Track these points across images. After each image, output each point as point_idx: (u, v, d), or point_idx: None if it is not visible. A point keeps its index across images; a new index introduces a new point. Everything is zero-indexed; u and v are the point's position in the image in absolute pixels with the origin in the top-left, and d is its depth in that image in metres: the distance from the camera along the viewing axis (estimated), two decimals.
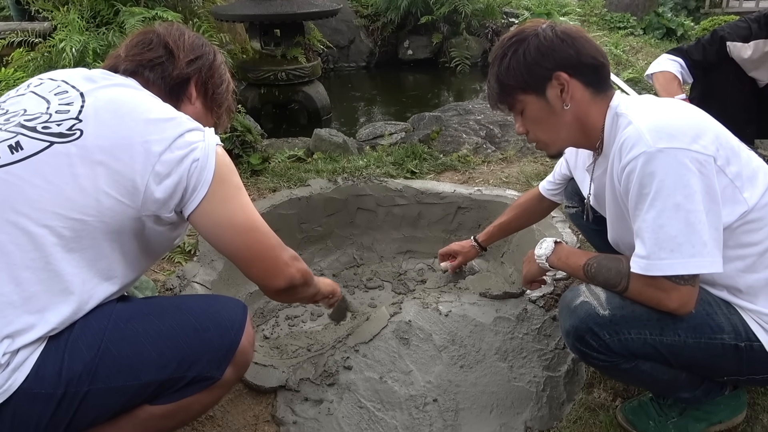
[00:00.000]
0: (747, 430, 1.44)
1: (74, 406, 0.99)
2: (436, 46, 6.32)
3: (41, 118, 1.06)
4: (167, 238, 1.16)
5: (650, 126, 1.12)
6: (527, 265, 1.57)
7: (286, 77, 4.29)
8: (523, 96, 1.27)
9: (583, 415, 1.51)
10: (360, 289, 2.41)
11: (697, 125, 1.14)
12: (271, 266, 1.17)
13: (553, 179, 1.78)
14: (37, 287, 0.97)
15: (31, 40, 3.51)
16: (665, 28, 6.02)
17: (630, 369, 1.25)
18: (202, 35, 1.35)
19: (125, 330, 1.05)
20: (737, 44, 2.29)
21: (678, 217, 1.08)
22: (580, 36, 1.24)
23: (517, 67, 1.24)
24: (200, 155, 1.08)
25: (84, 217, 1.00)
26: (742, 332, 1.18)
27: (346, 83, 5.96)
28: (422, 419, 1.47)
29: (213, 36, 3.69)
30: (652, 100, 1.27)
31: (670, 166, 1.08)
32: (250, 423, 1.52)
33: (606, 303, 1.21)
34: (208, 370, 1.11)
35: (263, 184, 2.66)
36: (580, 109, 1.26)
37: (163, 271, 2.04)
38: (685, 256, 1.09)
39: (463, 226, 2.57)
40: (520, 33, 1.27)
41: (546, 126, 1.30)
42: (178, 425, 1.25)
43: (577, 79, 1.23)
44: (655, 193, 1.09)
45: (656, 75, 2.42)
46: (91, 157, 1.02)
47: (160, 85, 1.23)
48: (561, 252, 1.42)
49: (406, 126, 3.50)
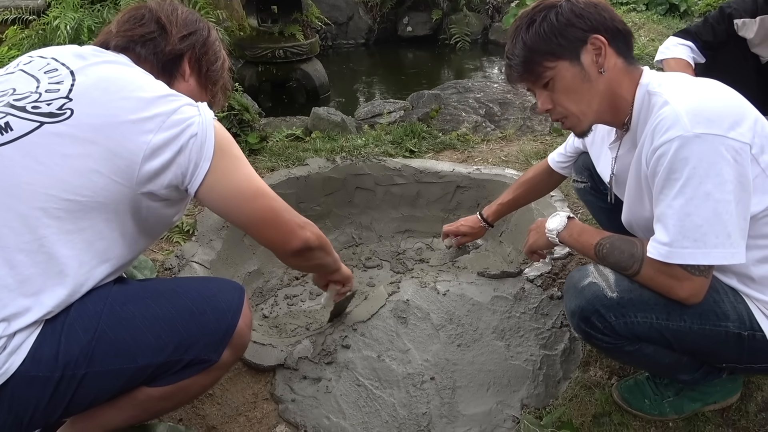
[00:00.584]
0: (741, 408, 1.46)
1: (72, 388, 0.99)
2: (435, 22, 6.24)
3: (31, 97, 1.04)
4: (165, 215, 1.14)
5: (689, 108, 1.07)
6: (535, 235, 1.51)
7: (283, 55, 4.25)
8: (554, 62, 1.19)
9: (579, 393, 1.52)
10: (359, 269, 2.41)
11: (737, 110, 1.10)
12: (285, 229, 1.16)
13: (565, 151, 1.73)
14: (31, 270, 0.96)
15: (25, 17, 3.46)
16: (668, 3, 5.92)
17: (633, 351, 1.25)
18: (196, 11, 1.32)
19: (121, 313, 1.04)
20: (745, 20, 2.25)
21: (707, 207, 1.05)
22: (605, 5, 1.20)
23: (550, 31, 1.17)
24: (198, 130, 1.06)
25: (78, 197, 0.99)
26: (746, 321, 1.17)
27: (345, 61, 5.91)
28: (419, 397, 1.49)
29: (209, 13, 3.64)
30: (686, 79, 1.21)
31: (705, 153, 1.04)
32: (249, 401, 1.54)
33: (615, 285, 1.20)
34: (205, 353, 1.11)
35: (261, 163, 2.65)
36: (615, 78, 1.20)
37: (161, 250, 2.04)
38: (708, 247, 1.06)
39: (462, 205, 2.56)
40: (547, 1, 1.21)
41: (578, 96, 1.21)
42: (176, 406, 1.26)
43: (611, 46, 1.18)
44: (686, 179, 1.06)
45: (668, 61, 2.35)
46: (82, 136, 1.00)
47: (152, 61, 1.20)
48: (573, 228, 1.37)
49: (405, 104, 3.47)
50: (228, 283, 1.21)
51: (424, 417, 1.46)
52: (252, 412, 1.51)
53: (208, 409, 1.50)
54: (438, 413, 1.47)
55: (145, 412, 1.17)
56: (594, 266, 1.27)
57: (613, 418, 1.45)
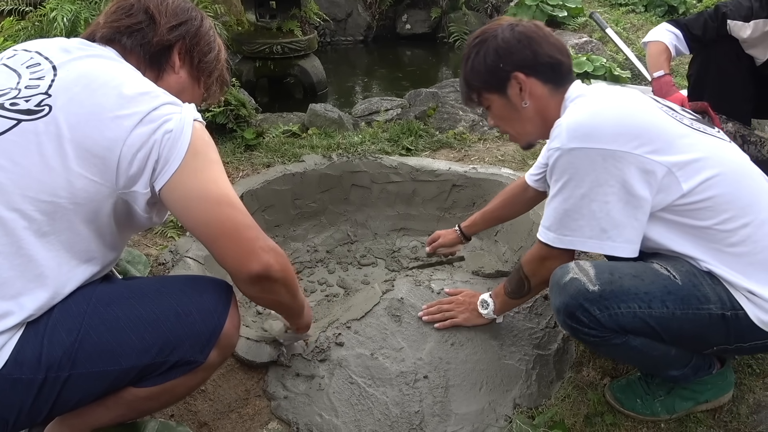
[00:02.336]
0: (733, 410, 1.46)
1: (56, 390, 0.98)
2: (434, 20, 6.22)
3: (10, 93, 1.01)
4: (145, 216, 1.08)
5: (571, 124, 1.22)
6: (467, 315, 1.61)
7: (281, 50, 4.23)
8: (488, 95, 1.39)
9: (572, 393, 1.52)
10: (353, 266, 2.41)
11: (619, 122, 1.21)
12: (245, 247, 1.03)
13: (537, 164, 1.78)
14: (9, 273, 0.94)
15: (22, 8, 3.43)
16: (667, 5, 5.91)
17: (621, 344, 1.26)
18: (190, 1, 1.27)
19: (105, 314, 1.02)
20: (738, 23, 2.26)
21: (581, 205, 1.21)
22: (538, 35, 1.33)
23: (480, 69, 1.36)
24: (174, 126, 1.00)
25: (55, 199, 0.96)
26: (727, 301, 1.21)
27: (343, 57, 5.89)
28: (412, 395, 1.49)
29: (207, 7, 3.61)
30: (598, 91, 1.32)
31: (579, 163, 1.20)
32: (242, 397, 1.53)
33: (595, 278, 1.23)
34: (191, 354, 1.09)
35: (257, 159, 2.64)
36: (540, 105, 1.36)
37: (155, 245, 2.03)
38: (584, 237, 1.23)
39: (458, 204, 2.56)
40: (483, 34, 1.37)
41: (511, 121, 1.42)
42: (163, 406, 1.24)
43: (535, 78, 1.33)
44: (563, 183, 1.22)
45: (650, 44, 2.40)
46: (59, 134, 0.96)
47: (139, 53, 1.15)
48: (498, 304, 1.55)
49: (403, 102, 3.46)
50: (216, 283, 1.17)
51: (416, 415, 1.46)
52: (244, 409, 1.51)
53: (200, 405, 1.50)
54: (430, 412, 1.47)
55: (133, 411, 1.16)
56: (575, 262, 1.29)
57: (605, 418, 1.46)
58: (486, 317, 1.58)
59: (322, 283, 2.30)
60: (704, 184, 1.20)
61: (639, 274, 1.24)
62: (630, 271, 1.25)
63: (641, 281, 1.23)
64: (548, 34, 1.35)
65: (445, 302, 1.64)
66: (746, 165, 1.30)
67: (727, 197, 1.21)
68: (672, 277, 1.23)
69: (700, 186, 1.20)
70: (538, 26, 1.36)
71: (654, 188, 1.20)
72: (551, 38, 1.35)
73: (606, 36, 4.70)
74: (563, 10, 5.05)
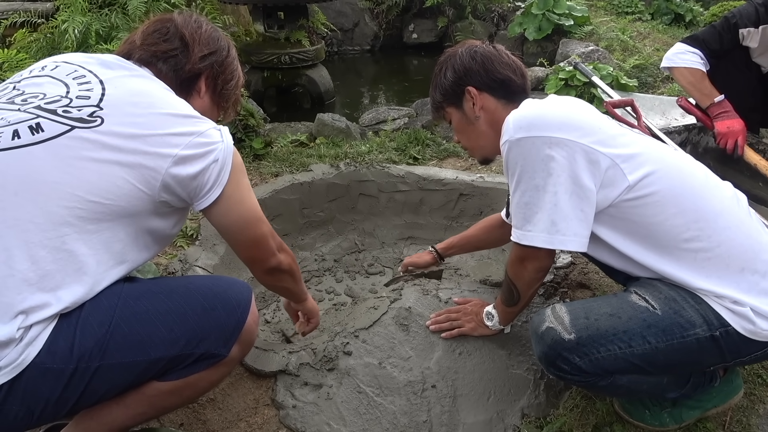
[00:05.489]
0: (743, 420, 1.45)
1: (85, 381, 1.01)
2: (441, 29, 6.26)
3: (61, 102, 1.08)
4: (172, 223, 1.20)
5: (516, 117, 1.27)
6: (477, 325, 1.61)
7: (289, 60, 4.27)
8: (449, 108, 1.51)
9: (580, 403, 1.52)
10: (361, 275, 2.42)
11: (563, 115, 1.25)
12: (268, 251, 1.27)
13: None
14: (52, 266, 0.99)
15: (34, 20, 3.49)
16: (674, 13, 5.93)
17: (607, 385, 1.27)
18: (218, 28, 1.36)
19: (135, 307, 1.08)
20: (750, 30, 2.26)
21: (536, 196, 1.23)
22: (492, 55, 1.44)
23: (442, 85, 1.49)
24: (220, 156, 1.13)
25: (102, 200, 1.03)
26: (714, 321, 1.18)
27: (350, 67, 5.93)
28: (420, 405, 1.49)
29: (216, 18, 3.67)
30: (548, 99, 1.37)
31: (528, 152, 1.23)
32: (251, 406, 1.54)
33: (570, 326, 1.23)
34: (216, 347, 1.15)
35: (265, 168, 2.66)
36: (492, 118, 1.44)
37: (165, 254, 2.05)
38: (537, 231, 1.24)
39: (465, 213, 2.57)
40: (446, 55, 1.51)
41: (467, 134, 1.52)
42: (184, 402, 1.28)
43: (487, 93, 1.43)
44: (518, 176, 1.25)
45: (680, 70, 2.34)
46: (111, 143, 1.05)
47: (172, 77, 1.24)
48: (501, 315, 1.55)
49: (410, 111, 3.49)
50: (237, 281, 1.25)
51: (424, 425, 1.46)
52: (253, 418, 1.51)
53: (209, 414, 1.51)
54: (438, 421, 1.47)
55: (153, 408, 1.18)
56: (550, 309, 1.29)
57: (614, 428, 1.45)
58: (492, 329, 1.59)
59: (330, 292, 2.31)
60: (648, 179, 1.22)
61: (615, 311, 1.23)
62: (606, 309, 1.24)
63: (618, 319, 1.22)
64: (502, 55, 1.45)
65: (453, 311, 1.65)
66: (687, 162, 1.32)
67: (672, 191, 1.22)
68: (650, 309, 1.21)
69: (644, 180, 1.22)
70: (496, 49, 1.47)
71: (598, 180, 1.21)
72: (505, 59, 1.45)
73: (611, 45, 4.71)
74: (570, 19, 5.07)
